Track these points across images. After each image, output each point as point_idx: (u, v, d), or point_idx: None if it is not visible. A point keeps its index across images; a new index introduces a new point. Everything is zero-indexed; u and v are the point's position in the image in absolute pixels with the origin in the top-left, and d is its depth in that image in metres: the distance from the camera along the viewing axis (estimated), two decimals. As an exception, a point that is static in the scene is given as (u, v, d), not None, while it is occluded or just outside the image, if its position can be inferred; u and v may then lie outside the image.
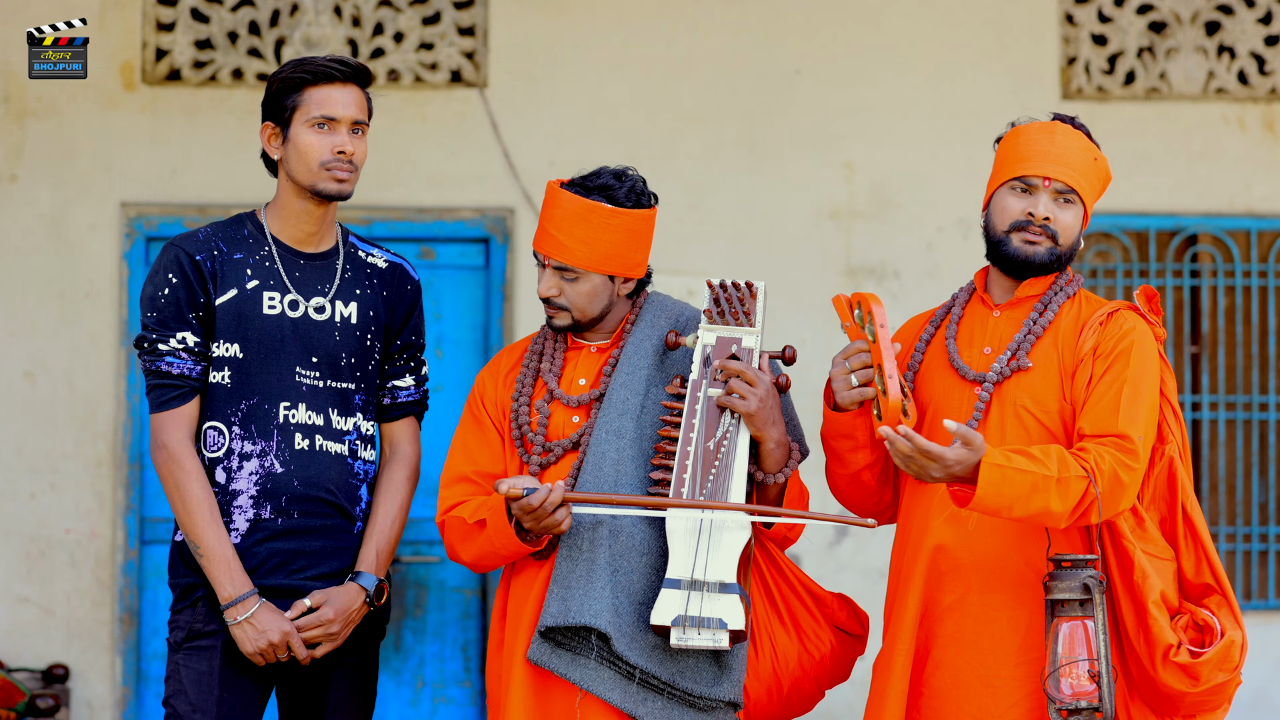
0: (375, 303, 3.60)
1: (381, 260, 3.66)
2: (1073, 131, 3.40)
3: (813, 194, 5.97)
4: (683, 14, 5.98)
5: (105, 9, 5.83)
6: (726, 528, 3.26)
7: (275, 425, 3.49)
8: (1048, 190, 3.36)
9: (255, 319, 3.50)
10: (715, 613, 3.22)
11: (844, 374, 3.31)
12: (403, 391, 3.64)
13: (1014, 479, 3.14)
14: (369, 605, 3.51)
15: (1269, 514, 6.08)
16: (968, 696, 3.30)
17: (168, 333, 3.48)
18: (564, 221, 3.41)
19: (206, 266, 3.49)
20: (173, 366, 3.48)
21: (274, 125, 3.52)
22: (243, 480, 3.49)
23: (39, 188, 5.80)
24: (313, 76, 3.48)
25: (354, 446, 3.55)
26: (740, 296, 3.39)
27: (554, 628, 3.30)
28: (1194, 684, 3.24)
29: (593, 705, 3.30)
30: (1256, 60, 6.09)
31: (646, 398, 3.41)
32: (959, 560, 3.31)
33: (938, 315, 3.51)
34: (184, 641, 3.49)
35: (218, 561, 3.43)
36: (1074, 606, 3.17)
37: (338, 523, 3.53)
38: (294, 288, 3.54)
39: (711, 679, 3.32)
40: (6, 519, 5.75)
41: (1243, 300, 6.11)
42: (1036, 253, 3.35)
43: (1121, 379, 3.28)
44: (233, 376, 3.49)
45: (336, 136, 3.48)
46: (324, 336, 3.54)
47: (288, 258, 3.55)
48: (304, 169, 3.50)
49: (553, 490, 3.25)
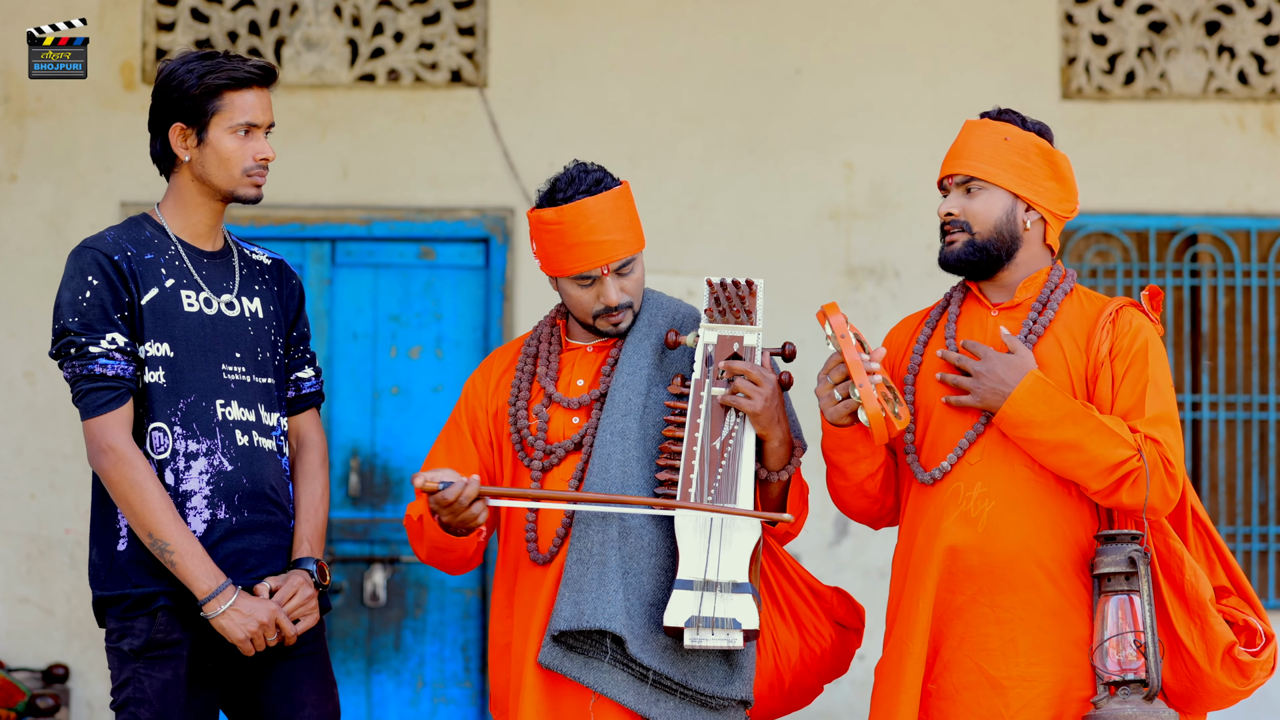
0: (271, 298, 3.57)
1: (265, 257, 3.62)
2: (979, 124, 3.43)
3: (813, 194, 5.97)
4: (683, 14, 5.98)
5: (105, 9, 5.83)
6: (737, 527, 3.26)
7: (216, 423, 3.43)
8: (953, 187, 3.41)
9: (179, 317, 3.44)
10: (729, 613, 3.21)
11: (827, 390, 3.30)
12: (305, 383, 3.62)
13: (1055, 399, 3.22)
14: (316, 586, 3.50)
15: (1269, 514, 6.08)
16: (977, 698, 3.29)
17: (96, 335, 3.39)
18: (602, 223, 3.37)
19: (124, 267, 3.42)
20: (107, 368, 3.39)
21: (186, 126, 3.45)
22: (193, 480, 3.42)
23: (39, 188, 5.80)
24: (234, 82, 3.42)
25: (279, 442, 3.52)
26: (741, 295, 3.38)
27: (567, 631, 3.29)
28: (1246, 683, 3.27)
29: (606, 708, 3.29)
30: (1256, 60, 6.09)
31: (648, 397, 3.40)
32: (970, 561, 3.30)
33: (933, 315, 3.49)
34: (143, 650, 3.40)
35: (189, 557, 3.35)
36: (1119, 580, 3.20)
37: (279, 519, 3.49)
38: (205, 285, 3.49)
39: (723, 678, 3.31)
40: (6, 519, 5.75)
41: (1243, 300, 6.11)
42: (954, 250, 3.39)
43: (1144, 378, 3.30)
44: (167, 376, 3.42)
45: (258, 143, 3.44)
46: (239, 332, 3.50)
47: (193, 256, 3.50)
48: (224, 175, 3.45)
49: (467, 485, 3.24)
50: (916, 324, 3.52)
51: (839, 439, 3.36)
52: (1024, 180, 3.38)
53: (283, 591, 3.43)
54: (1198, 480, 6.07)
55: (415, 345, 5.95)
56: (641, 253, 3.45)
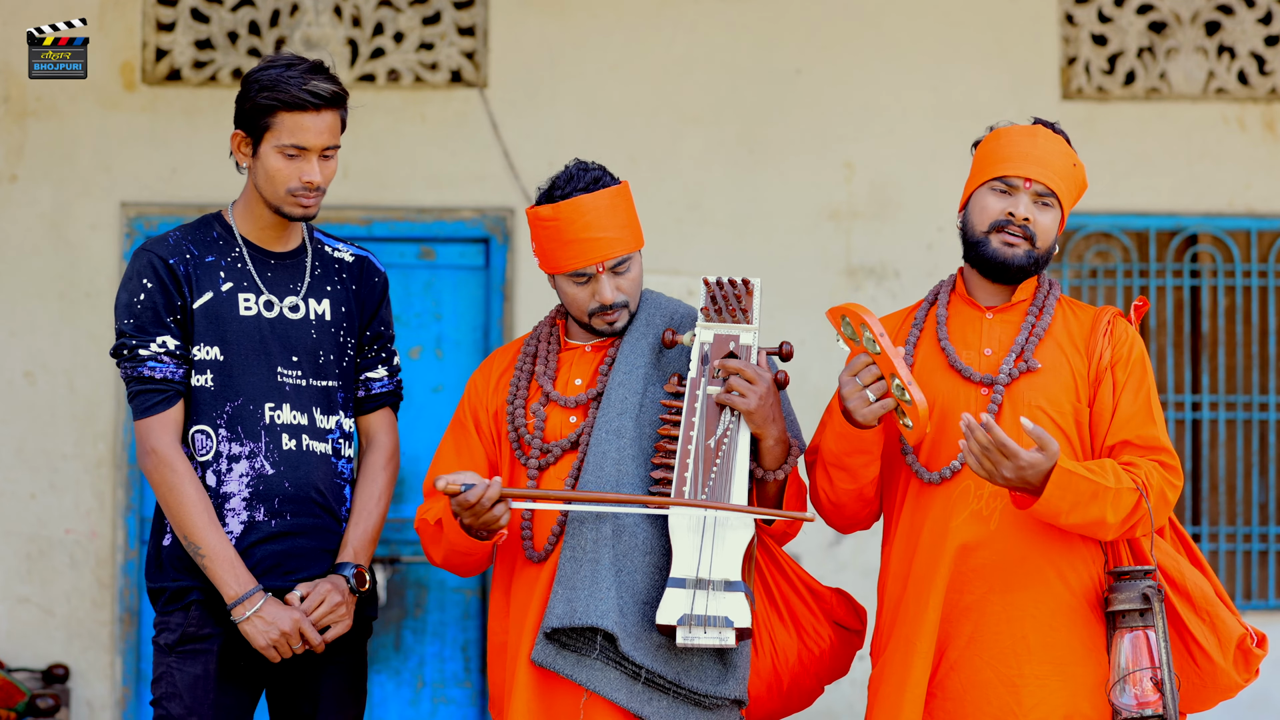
0: (346, 298, 3.59)
1: (348, 254, 3.64)
2: (1054, 136, 3.40)
3: (812, 194, 5.97)
4: (683, 14, 5.98)
5: (105, 9, 5.83)
6: (730, 525, 3.26)
7: (262, 426, 3.48)
8: (1028, 191, 3.35)
9: (233, 321, 3.49)
10: (721, 611, 3.21)
11: (858, 390, 3.26)
12: (376, 383, 3.64)
13: (1079, 485, 3.16)
14: (353, 593, 3.51)
15: (1269, 514, 6.08)
16: (987, 697, 3.28)
17: (147, 338, 3.46)
18: (598, 220, 3.38)
19: (180, 270, 3.47)
20: (155, 371, 3.46)
21: (244, 135, 3.49)
22: (233, 483, 3.48)
23: (39, 188, 5.81)
24: (286, 104, 3.43)
25: (337, 445, 3.55)
26: (737, 294, 3.38)
27: (559, 629, 3.29)
28: (1249, 676, 3.32)
29: (598, 705, 3.30)
30: (1256, 60, 6.09)
31: (644, 396, 3.41)
32: (982, 559, 3.30)
33: (919, 314, 3.48)
34: (176, 644, 3.48)
35: (220, 561, 3.42)
36: (1134, 617, 3.21)
37: (326, 523, 3.53)
38: (267, 288, 3.53)
39: (716, 677, 3.32)
40: (6, 519, 5.75)
41: (1243, 300, 6.11)
42: (1015, 255, 3.35)
43: (1145, 387, 3.33)
44: (215, 379, 3.48)
45: (305, 164, 3.45)
46: (301, 335, 3.53)
47: (258, 258, 3.54)
48: (270, 190, 3.48)
49: (490, 486, 3.24)
50: (901, 322, 3.51)
51: (859, 441, 3.33)
52: (1070, 206, 3.42)
53: (310, 599, 3.46)
54: (1197, 480, 6.07)
55: (415, 345, 5.95)
56: (639, 253, 3.45)
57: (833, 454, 3.38)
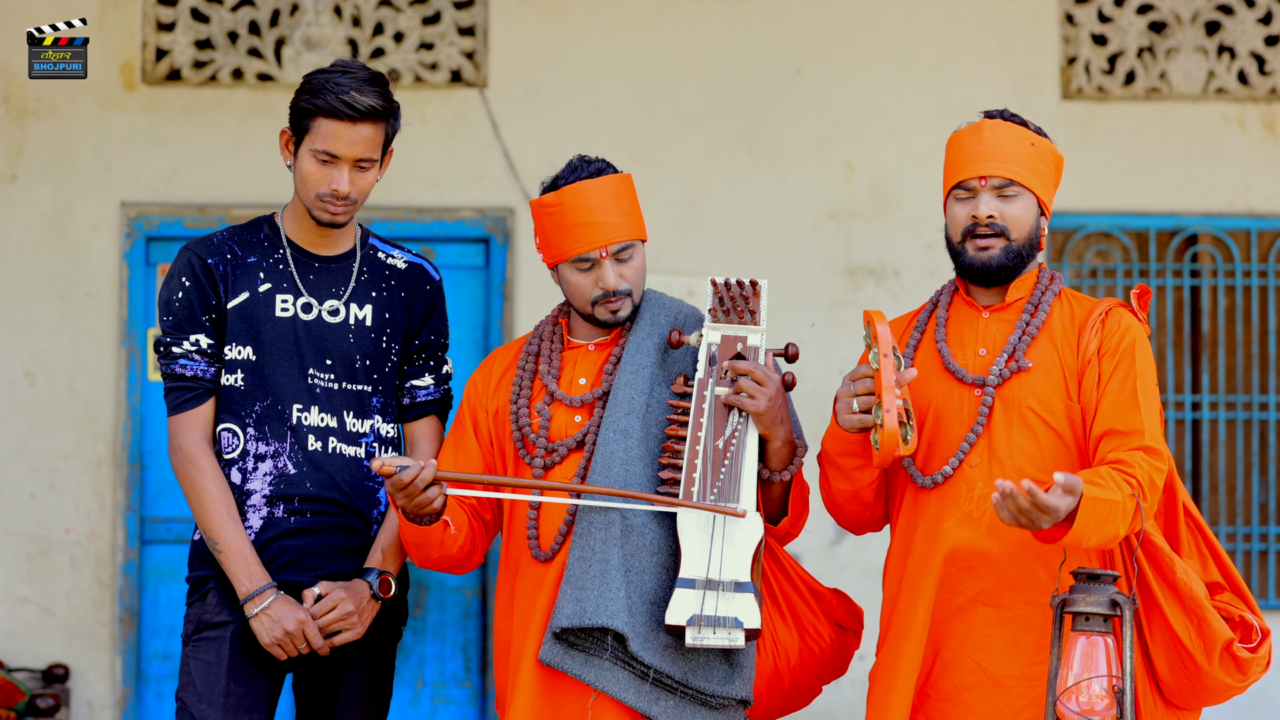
0: (392, 304, 3.60)
1: (401, 261, 3.66)
2: (1003, 124, 3.38)
3: (813, 194, 5.97)
4: (683, 14, 5.98)
5: (105, 9, 5.83)
6: (739, 526, 3.26)
7: (289, 427, 3.52)
8: (986, 189, 3.34)
9: (267, 322, 3.52)
10: (731, 612, 3.22)
11: (848, 397, 3.28)
12: (421, 391, 3.65)
13: (1101, 509, 3.09)
14: (375, 599, 3.52)
15: (1269, 514, 6.08)
16: (979, 698, 3.28)
17: (181, 335, 3.51)
18: (602, 204, 3.39)
19: (218, 270, 3.52)
20: (186, 369, 3.51)
21: (290, 134, 3.53)
22: (257, 480, 3.52)
23: (39, 188, 5.80)
24: (323, 111, 3.45)
25: (371, 449, 3.57)
26: (745, 295, 3.38)
27: (568, 629, 3.29)
28: (1243, 678, 3.26)
29: (606, 705, 3.30)
30: (1256, 60, 6.09)
31: (651, 396, 3.41)
32: (974, 561, 3.30)
33: (921, 317, 3.48)
34: (193, 634, 3.53)
35: (235, 557, 3.46)
36: (1097, 621, 3.12)
37: (349, 522, 3.55)
38: (307, 290, 3.56)
39: (723, 677, 3.32)
40: (6, 519, 5.75)
41: (1243, 300, 6.11)
42: (992, 256, 3.34)
43: (1132, 375, 3.28)
44: (246, 379, 3.52)
45: (336, 172, 3.48)
46: (338, 339, 3.55)
47: (302, 260, 3.57)
48: (304, 192, 3.53)
49: (424, 468, 3.25)
50: (905, 326, 3.51)
51: (848, 444, 3.34)
52: (1045, 186, 3.37)
53: (323, 603, 3.49)
54: (1198, 480, 6.07)
55: (415, 345, 5.95)
56: (643, 243, 3.46)
57: (828, 453, 3.40)
